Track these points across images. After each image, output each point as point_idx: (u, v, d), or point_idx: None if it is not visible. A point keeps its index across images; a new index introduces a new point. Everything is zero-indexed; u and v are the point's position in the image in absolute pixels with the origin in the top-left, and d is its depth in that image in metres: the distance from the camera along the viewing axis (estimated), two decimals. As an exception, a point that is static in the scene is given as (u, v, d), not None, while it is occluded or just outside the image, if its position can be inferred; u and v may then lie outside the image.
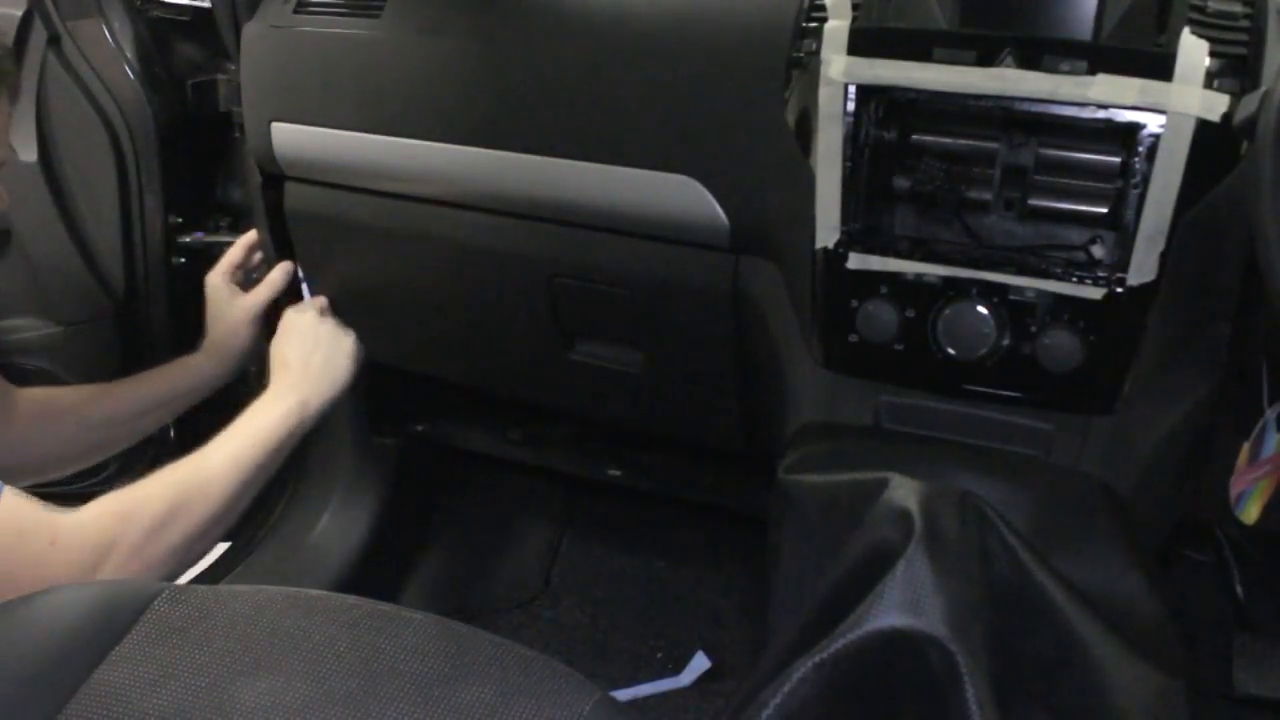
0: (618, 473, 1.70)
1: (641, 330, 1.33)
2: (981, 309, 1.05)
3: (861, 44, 1.04)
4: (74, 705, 0.85)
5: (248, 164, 1.57)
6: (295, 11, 1.40)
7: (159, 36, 1.61)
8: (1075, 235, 1.05)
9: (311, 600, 0.95)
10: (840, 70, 1.04)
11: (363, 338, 1.61)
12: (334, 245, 1.46)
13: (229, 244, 1.70)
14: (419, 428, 1.79)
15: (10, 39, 1.12)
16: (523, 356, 1.44)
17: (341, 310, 1.56)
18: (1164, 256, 0.99)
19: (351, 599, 0.95)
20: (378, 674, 0.86)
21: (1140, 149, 0.96)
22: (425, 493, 1.88)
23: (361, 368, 1.43)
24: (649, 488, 1.71)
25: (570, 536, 1.90)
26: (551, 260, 1.31)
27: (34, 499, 1.04)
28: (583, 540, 1.89)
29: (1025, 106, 1.00)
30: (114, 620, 0.91)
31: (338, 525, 1.77)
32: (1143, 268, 0.99)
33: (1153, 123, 0.95)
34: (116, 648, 0.89)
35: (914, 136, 1.07)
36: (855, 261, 1.08)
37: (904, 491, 0.96)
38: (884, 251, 1.08)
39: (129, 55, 1.56)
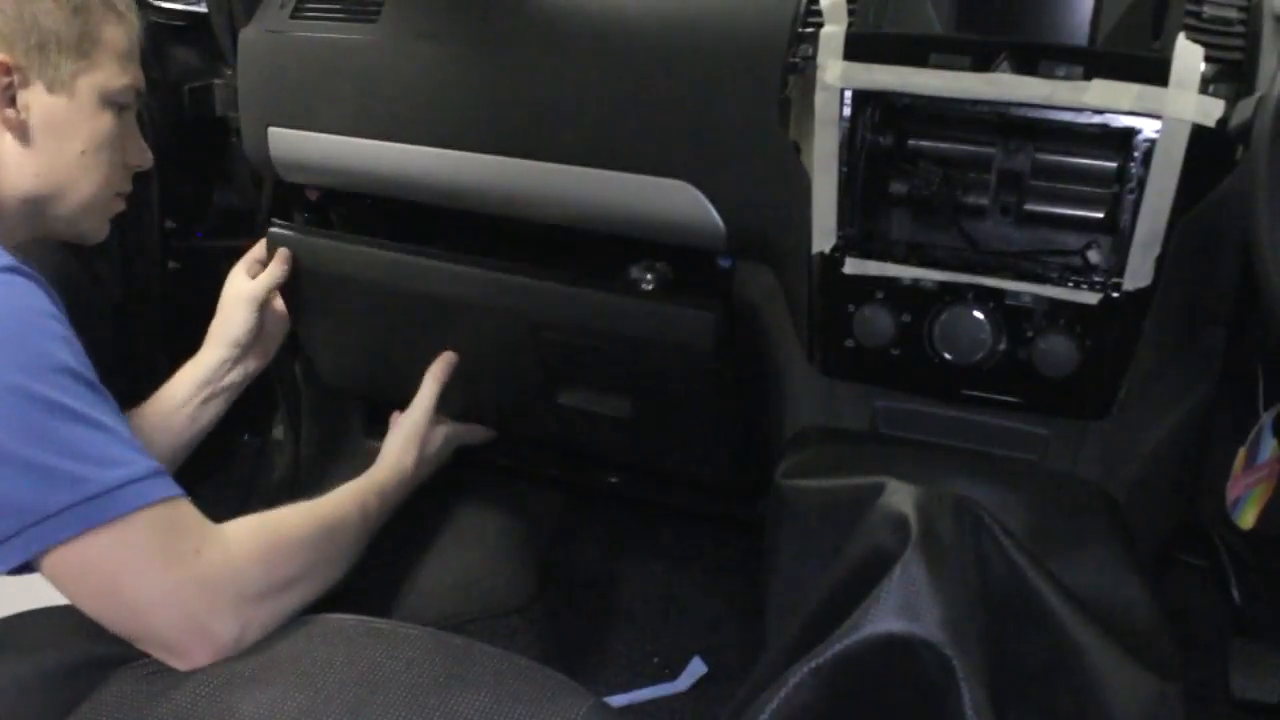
0: (614, 479, 1.69)
1: (627, 381, 1.33)
2: (978, 314, 1.05)
3: (857, 49, 1.04)
4: (78, 717, 0.86)
5: (245, 168, 1.57)
6: (292, 16, 1.40)
7: (155, 41, 1.60)
8: (1071, 240, 1.05)
9: (309, 620, 0.95)
10: (836, 75, 1.04)
11: (353, 380, 1.62)
12: (319, 296, 1.44)
13: (226, 248, 1.70)
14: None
15: None
16: (510, 400, 1.43)
17: (333, 357, 1.56)
18: (1160, 261, 0.99)
19: (350, 619, 0.95)
20: (374, 684, 0.86)
21: (1136, 154, 0.96)
22: (421, 497, 1.88)
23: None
24: (645, 494, 1.70)
25: (566, 542, 1.89)
26: (535, 314, 1.30)
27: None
28: (579, 545, 1.88)
29: (1021, 111, 1.00)
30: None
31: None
32: (1138, 272, 0.99)
33: (1148, 128, 0.95)
34: (122, 666, 0.89)
35: (910, 141, 1.07)
36: (852, 266, 1.08)
37: (900, 496, 0.96)
38: (880, 256, 1.08)
39: (125, 59, 1.56)
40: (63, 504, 0.87)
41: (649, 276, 1.35)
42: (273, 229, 1.41)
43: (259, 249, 1.43)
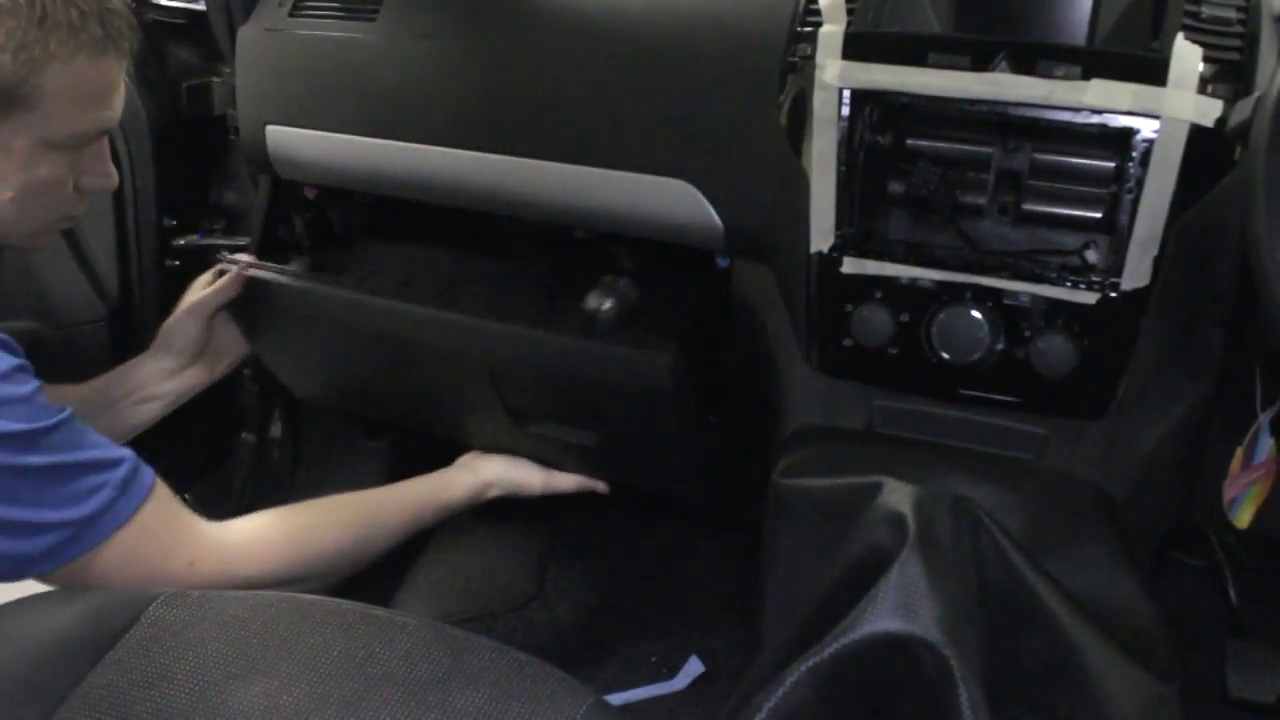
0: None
1: (590, 418, 1.31)
2: (976, 313, 1.05)
3: (856, 48, 1.04)
4: (67, 707, 0.85)
5: (244, 167, 1.57)
6: (290, 14, 1.40)
7: (154, 39, 1.60)
8: (1069, 240, 1.05)
9: (306, 604, 0.95)
10: (835, 75, 1.04)
11: (322, 400, 1.63)
12: (274, 328, 1.43)
13: (224, 246, 1.71)
14: (410, 431, 1.78)
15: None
16: (481, 430, 1.42)
17: (297, 381, 1.57)
18: (1158, 261, 0.99)
19: (346, 604, 0.95)
20: (372, 678, 0.86)
21: (1134, 154, 0.96)
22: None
23: None
24: (643, 494, 1.70)
25: (564, 540, 1.89)
26: (489, 357, 1.28)
27: (181, 505, 1.05)
28: (577, 544, 1.89)
29: (1020, 111, 1.00)
30: (110, 624, 0.91)
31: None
32: (1136, 273, 0.99)
33: (1147, 128, 0.96)
34: (111, 651, 0.89)
35: (909, 141, 1.07)
36: (850, 266, 1.08)
37: (898, 496, 0.96)
38: (878, 256, 1.08)
39: (124, 58, 1.56)
40: (49, 545, 0.94)
41: (607, 305, 1.29)
42: (222, 261, 1.38)
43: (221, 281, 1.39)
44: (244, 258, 1.39)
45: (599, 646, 1.70)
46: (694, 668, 1.65)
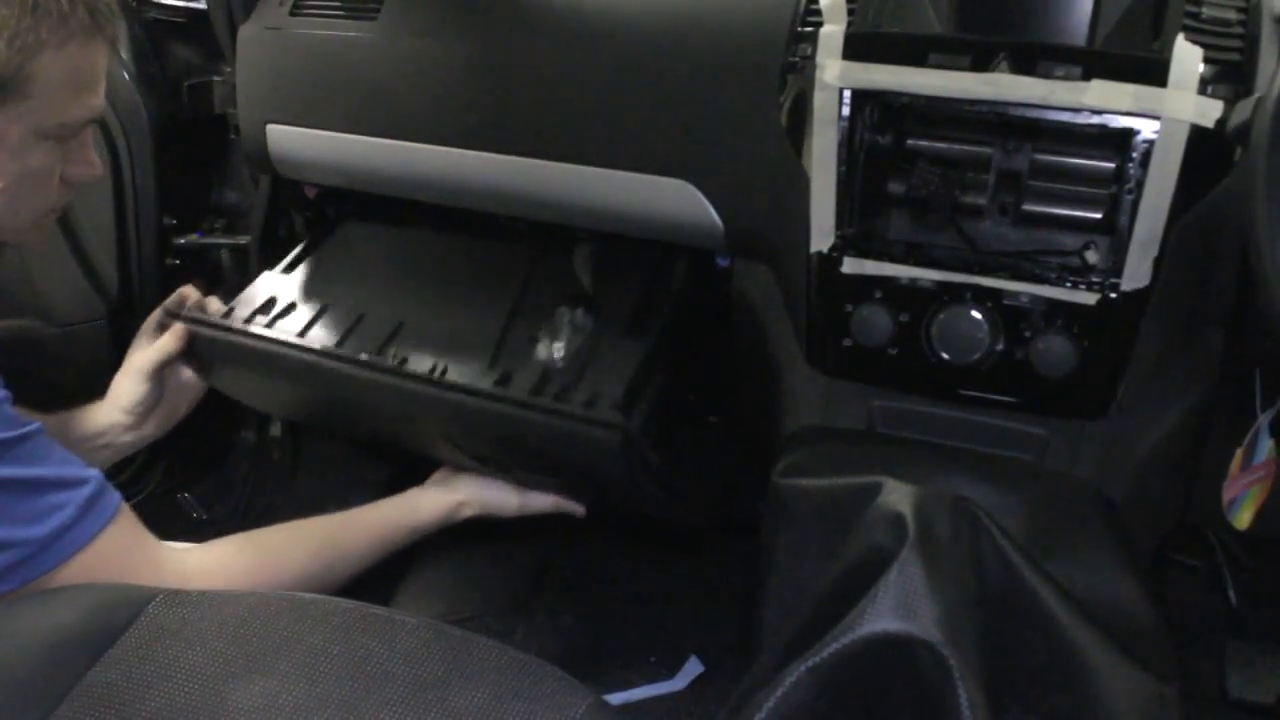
0: None
1: (548, 469, 1.28)
2: (976, 314, 1.05)
3: (857, 49, 1.04)
4: (67, 706, 0.85)
5: (244, 166, 1.57)
6: (291, 13, 1.40)
7: (154, 38, 1.61)
8: (1069, 240, 1.05)
9: (305, 604, 0.95)
10: (835, 75, 1.04)
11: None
12: (233, 376, 1.38)
13: (225, 245, 1.71)
14: None
15: None
16: (448, 459, 1.37)
17: (265, 409, 1.57)
18: (1158, 262, 0.99)
19: (345, 603, 0.95)
20: (371, 677, 0.86)
21: (1134, 154, 0.96)
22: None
23: None
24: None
25: (564, 540, 1.89)
26: (435, 418, 1.23)
27: (144, 530, 1.02)
28: (577, 544, 1.89)
29: (1020, 112, 1.00)
30: (110, 622, 0.91)
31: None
32: (1136, 273, 1.00)
33: (1147, 128, 0.96)
34: (111, 649, 0.89)
35: (909, 141, 1.07)
36: (850, 266, 1.08)
37: (897, 496, 0.96)
38: (879, 256, 1.08)
39: (124, 56, 1.56)
40: (4, 565, 0.91)
41: (559, 353, 1.26)
42: (163, 310, 1.32)
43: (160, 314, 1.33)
44: (190, 293, 1.34)
45: (599, 646, 1.70)
46: (694, 668, 1.65)
